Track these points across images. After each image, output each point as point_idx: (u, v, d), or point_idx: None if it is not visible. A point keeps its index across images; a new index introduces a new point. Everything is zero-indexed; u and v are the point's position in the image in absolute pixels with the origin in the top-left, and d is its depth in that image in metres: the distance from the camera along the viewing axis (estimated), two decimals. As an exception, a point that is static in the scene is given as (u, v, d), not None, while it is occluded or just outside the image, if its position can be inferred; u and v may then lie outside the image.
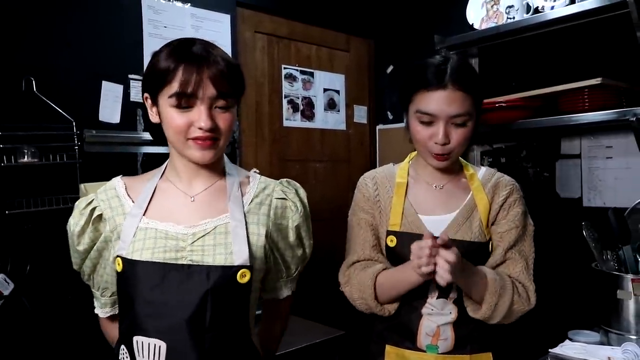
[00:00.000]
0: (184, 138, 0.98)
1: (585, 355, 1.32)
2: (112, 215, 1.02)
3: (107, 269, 1.05)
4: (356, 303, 1.28)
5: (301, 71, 2.59)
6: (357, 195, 1.35)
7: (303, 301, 2.33)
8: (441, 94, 1.17)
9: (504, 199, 1.27)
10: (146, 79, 1.03)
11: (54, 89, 1.75)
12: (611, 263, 1.53)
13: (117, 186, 1.07)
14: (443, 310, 1.22)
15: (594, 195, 2.13)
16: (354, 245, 1.31)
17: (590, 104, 1.89)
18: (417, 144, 1.26)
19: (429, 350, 1.22)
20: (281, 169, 2.49)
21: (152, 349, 0.93)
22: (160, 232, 0.98)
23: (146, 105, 1.05)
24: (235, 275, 0.96)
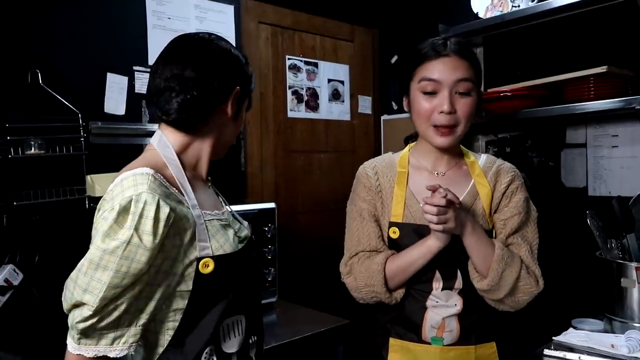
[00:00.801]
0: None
1: (588, 343, 1.32)
2: (182, 215, 0.87)
3: (171, 283, 0.87)
4: (361, 292, 1.24)
5: (305, 62, 2.59)
6: (358, 186, 1.33)
7: (308, 290, 2.36)
8: (444, 60, 1.19)
9: (505, 186, 1.27)
10: (249, 76, 1.05)
11: (59, 81, 1.77)
12: (615, 251, 1.53)
13: (161, 180, 0.89)
14: (448, 302, 1.22)
15: (600, 184, 2.12)
16: (357, 236, 1.28)
17: (595, 93, 1.88)
18: (420, 119, 1.23)
19: (434, 342, 1.22)
20: (286, 160, 2.50)
21: (236, 325, 0.96)
22: (221, 222, 0.98)
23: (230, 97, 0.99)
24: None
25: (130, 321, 0.83)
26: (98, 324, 0.81)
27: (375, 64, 2.86)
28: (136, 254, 0.80)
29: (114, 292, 0.80)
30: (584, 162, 2.17)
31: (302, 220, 2.52)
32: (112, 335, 0.82)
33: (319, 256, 2.47)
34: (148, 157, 0.95)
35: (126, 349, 0.83)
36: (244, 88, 1.03)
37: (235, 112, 1.02)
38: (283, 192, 2.47)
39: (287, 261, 2.27)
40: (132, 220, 0.81)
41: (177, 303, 0.89)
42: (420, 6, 2.67)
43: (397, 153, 1.37)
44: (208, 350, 0.91)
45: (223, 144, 1.05)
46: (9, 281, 1.58)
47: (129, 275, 0.80)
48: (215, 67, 0.97)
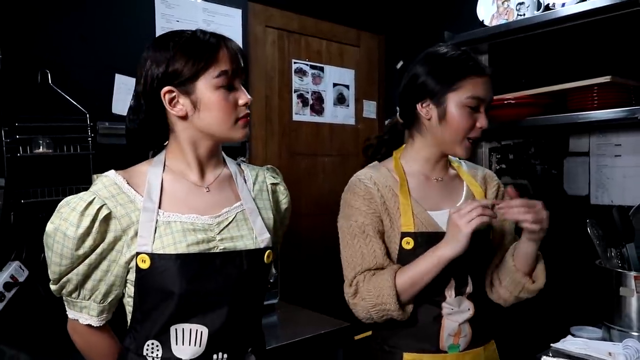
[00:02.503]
0: (233, 119, 1.02)
1: (586, 351, 1.33)
2: (125, 212, 0.97)
3: (114, 271, 0.98)
4: (371, 312, 1.19)
5: (311, 66, 2.61)
6: (355, 199, 1.25)
7: (309, 293, 2.37)
8: (487, 80, 1.24)
9: (495, 190, 1.36)
10: (174, 69, 0.97)
11: (68, 81, 1.79)
12: (615, 260, 1.54)
13: (118, 182, 0.99)
14: (461, 307, 1.23)
15: (602, 193, 2.13)
16: (360, 253, 1.22)
17: (599, 102, 1.89)
18: (454, 133, 1.23)
19: (451, 350, 1.22)
20: (290, 162, 2.52)
21: (194, 334, 0.97)
22: (186, 225, 0.99)
23: (164, 102, 0.99)
24: (263, 257, 1.06)
25: (89, 296, 1.00)
26: (60, 292, 1.01)
27: (381, 69, 2.88)
28: (64, 239, 0.95)
29: (59, 268, 0.97)
30: (586, 171, 2.18)
31: (305, 223, 2.54)
32: (80, 305, 1.01)
33: (321, 259, 2.49)
34: (140, 163, 1.08)
35: (89, 318, 1.01)
36: (180, 79, 0.97)
37: (192, 104, 0.99)
38: (286, 194, 2.49)
39: (290, 263, 2.28)
40: (66, 212, 0.96)
41: (129, 290, 1.01)
42: (426, 13, 2.69)
43: (384, 163, 1.34)
44: (152, 343, 0.98)
45: (207, 135, 1.03)
46: (15, 277, 1.61)
47: (64, 257, 0.96)
48: (140, 85, 1.02)
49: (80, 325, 1.02)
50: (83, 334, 1.04)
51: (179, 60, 0.97)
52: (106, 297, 1.00)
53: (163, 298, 0.95)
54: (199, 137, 1.03)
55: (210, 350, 0.98)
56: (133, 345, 1.00)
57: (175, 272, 0.95)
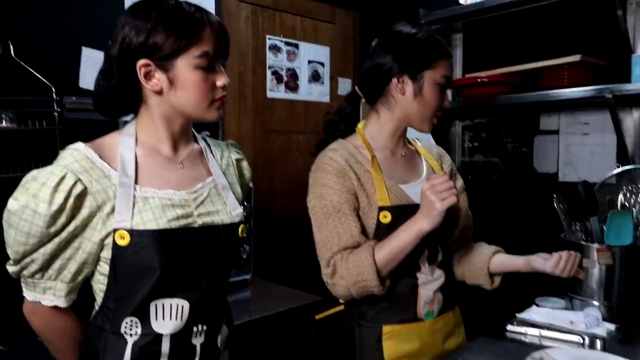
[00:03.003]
0: (209, 100, 0.99)
1: (549, 320, 1.37)
2: (101, 188, 0.92)
3: (87, 249, 0.94)
4: (351, 290, 1.19)
5: (286, 42, 2.58)
6: (327, 178, 1.23)
7: (282, 269, 2.38)
8: (451, 62, 1.29)
9: (449, 166, 1.44)
10: (154, 42, 0.92)
11: (32, 54, 1.74)
12: (579, 234, 1.59)
13: (89, 155, 0.94)
14: (434, 275, 1.28)
15: (570, 171, 2.18)
16: (336, 233, 1.21)
17: (569, 81, 1.92)
18: (429, 109, 1.27)
19: (427, 317, 1.27)
20: (264, 140, 2.51)
21: (174, 309, 0.96)
22: (164, 200, 0.97)
23: (139, 74, 0.94)
24: (238, 231, 1.06)
25: (56, 277, 0.95)
26: (21, 273, 0.95)
27: (356, 47, 2.87)
28: (33, 217, 0.88)
29: (23, 248, 0.91)
30: (555, 149, 2.23)
31: (279, 201, 2.54)
32: (43, 285, 0.95)
33: (295, 236, 2.49)
34: (108, 135, 1.02)
35: (56, 299, 0.96)
36: (159, 54, 0.93)
37: (168, 81, 0.96)
38: (260, 171, 2.48)
39: (263, 240, 2.29)
40: (34, 187, 0.89)
41: (102, 268, 0.97)
42: (401, -11, 2.67)
43: (349, 138, 1.33)
44: (130, 320, 0.95)
45: (181, 113, 1.00)
46: (-20, 255, 1.57)
47: (32, 236, 0.89)
48: (114, 50, 0.96)
49: (42, 307, 0.96)
50: (44, 315, 0.98)
51: (160, 34, 0.92)
52: (77, 276, 0.96)
53: (142, 274, 0.93)
54: (172, 114, 1.00)
55: (190, 323, 0.98)
56: (108, 325, 0.95)
57: (157, 248, 0.93)
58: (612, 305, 1.47)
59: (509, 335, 1.34)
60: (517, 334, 1.34)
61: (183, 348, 0.98)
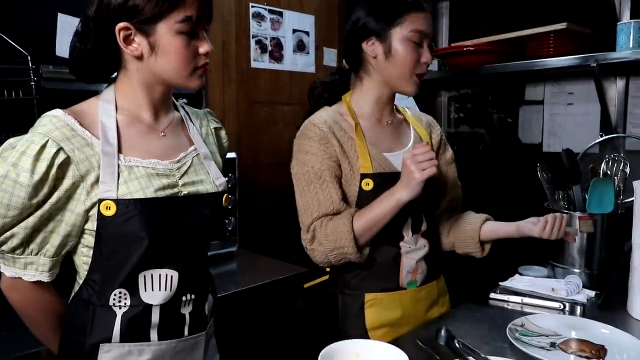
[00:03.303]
0: (191, 68, 0.95)
1: (531, 287, 1.40)
2: (84, 157, 0.89)
3: (70, 221, 0.91)
4: (329, 257, 1.21)
5: (270, 10, 2.52)
6: (310, 144, 1.23)
7: (268, 241, 2.38)
8: (427, 15, 1.25)
9: (439, 135, 1.43)
10: (134, 4, 0.88)
11: (6, 20, 1.66)
12: (561, 202, 1.60)
13: (70, 122, 0.90)
14: (417, 245, 1.28)
15: (554, 141, 2.19)
16: (316, 199, 1.22)
17: (555, 50, 1.91)
18: (404, 68, 1.23)
19: (409, 286, 1.28)
20: (248, 110, 2.47)
21: (163, 279, 0.95)
22: (149, 170, 0.95)
23: (117, 38, 0.90)
24: (221, 200, 1.05)
25: (38, 251, 0.91)
26: (0, 247, 0.90)
27: (342, 16, 2.81)
28: (14, 188, 0.85)
29: (3, 221, 0.87)
30: (540, 119, 2.23)
31: (263, 172, 2.52)
32: (24, 261, 0.91)
33: (280, 208, 2.48)
34: (85, 101, 0.98)
35: (38, 274, 0.92)
36: (140, 17, 0.89)
37: (149, 46, 0.92)
38: (245, 143, 2.44)
39: (248, 212, 2.28)
40: (13, 156, 0.85)
41: (86, 240, 0.94)
42: (388, -44, 2.61)
43: (335, 106, 1.32)
44: (118, 292, 0.93)
45: (161, 80, 0.97)
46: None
47: (12, 208, 0.86)
48: (90, 10, 0.92)
49: (23, 282, 0.92)
50: (24, 291, 0.94)
51: None
52: (60, 250, 0.92)
53: (130, 245, 0.91)
54: (153, 81, 0.97)
55: (179, 293, 0.97)
56: (95, 297, 0.93)
57: (144, 218, 0.91)
58: (593, 272, 1.50)
59: (492, 303, 1.36)
60: (500, 302, 1.37)
61: (172, 318, 0.97)
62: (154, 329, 0.95)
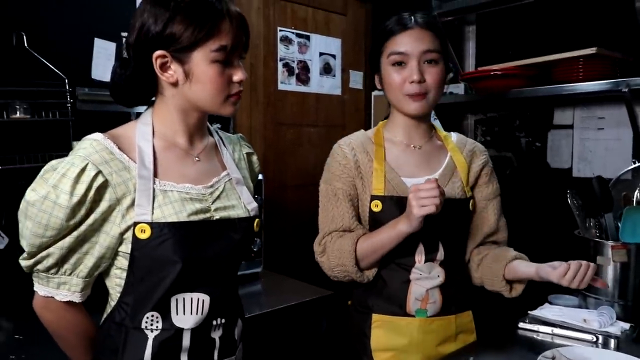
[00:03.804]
0: (224, 95, 0.97)
1: (562, 317, 1.36)
2: (121, 180, 0.91)
3: (105, 243, 0.92)
4: (334, 272, 1.27)
5: (297, 34, 2.56)
6: (332, 164, 1.32)
7: (293, 262, 2.39)
8: (410, 33, 1.24)
9: (482, 164, 1.36)
10: (171, 33, 0.91)
11: (45, 45, 1.74)
12: (593, 230, 1.57)
13: (109, 146, 0.92)
14: (430, 274, 1.25)
15: (584, 166, 2.15)
16: (331, 215, 1.29)
17: (584, 74, 1.89)
18: (392, 92, 1.27)
19: (418, 314, 1.25)
20: (275, 133, 2.50)
21: (194, 303, 0.96)
22: (182, 194, 0.96)
23: (154, 65, 0.93)
24: (253, 225, 1.06)
25: (72, 271, 0.93)
26: (35, 267, 0.92)
27: (368, 39, 2.84)
28: (53, 209, 0.87)
29: (40, 240, 0.89)
30: (570, 144, 2.20)
31: (290, 193, 2.53)
32: (57, 280, 0.93)
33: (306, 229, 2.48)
34: (124, 125, 1.01)
35: (70, 295, 0.94)
36: (176, 46, 0.92)
37: (184, 74, 0.94)
38: (272, 164, 2.47)
39: (274, 233, 2.29)
40: (54, 178, 0.88)
41: (120, 262, 0.95)
42: (414, -19, 2.64)
43: (370, 130, 1.38)
44: (151, 315, 0.94)
45: (196, 107, 0.99)
46: (-5, 245, 1.59)
47: (50, 228, 0.88)
48: (131, 38, 0.95)
49: (55, 302, 0.94)
50: (57, 311, 0.96)
51: (178, 25, 0.90)
52: (93, 271, 0.94)
53: (163, 268, 0.92)
54: (188, 107, 0.99)
55: (210, 317, 0.98)
56: (128, 320, 0.94)
57: (178, 241, 0.92)
58: (627, 303, 1.45)
59: (520, 333, 1.33)
60: (529, 332, 1.33)
61: (203, 342, 0.98)
62: (185, 352, 0.96)
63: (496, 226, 1.35)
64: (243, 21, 0.98)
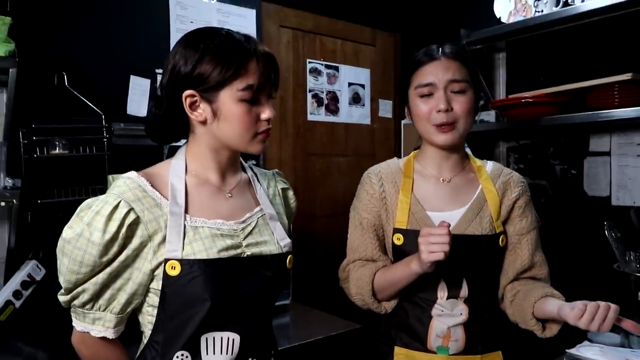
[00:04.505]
0: (252, 133, 0.98)
1: (603, 357, 1.30)
2: (153, 217, 0.93)
3: (137, 279, 0.94)
4: (354, 299, 1.29)
5: (326, 65, 2.60)
6: (361, 192, 1.33)
7: (322, 294, 2.36)
8: (436, 64, 1.24)
9: (516, 196, 1.29)
10: (199, 73, 0.94)
11: (84, 83, 1.82)
12: (634, 264, 1.50)
13: (142, 184, 0.95)
14: (453, 311, 1.21)
15: (623, 194, 2.07)
16: (355, 244, 1.31)
17: (620, 100, 1.84)
18: (420, 122, 1.26)
19: (439, 351, 1.22)
20: (305, 163, 2.52)
21: (224, 342, 0.95)
22: (213, 230, 0.97)
23: (184, 104, 0.96)
24: (285, 261, 1.05)
25: (105, 307, 0.95)
26: (71, 302, 0.95)
27: (397, 68, 2.86)
28: (87, 246, 0.89)
29: (76, 277, 0.91)
30: (607, 171, 2.12)
31: (319, 224, 2.53)
32: (92, 316, 0.95)
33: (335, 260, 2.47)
34: (159, 164, 1.05)
35: (104, 330, 0.95)
36: (204, 85, 0.94)
37: (212, 112, 0.96)
38: (301, 195, 2.48)
39: (303, 264, 2.28)
40: (89, 216, 0.90)
41: (151, 299, 0.97)
42: (442, 10, 2.65)
43: (402, 159, 1.37)
44: (181, 354, 0.93)
45: (224, 144, 1.00)
46: (32, 276, 1.64)
47: (85, 265, 0.90)
48: (164, 79, 0.99)
49: (91, 337, 0.96)
50: (93, 346, 0.98)
51: (206, 65, 0.94)
52: (126, 307, 0.95)
53: (193, 306, 0.92)
54: (218, 145, 1.01)
55: (241, 357, 0.97)
56: (158, 359, 0.95)
57: (207, 278, 0.92)
58: (673, 342, 1.37)
59: (559, 373, 1.27)
60: (567, 372, 1.27)
61: None
62: None
63: (530, 262, 1.27)
64: (272, 60, 0.99)
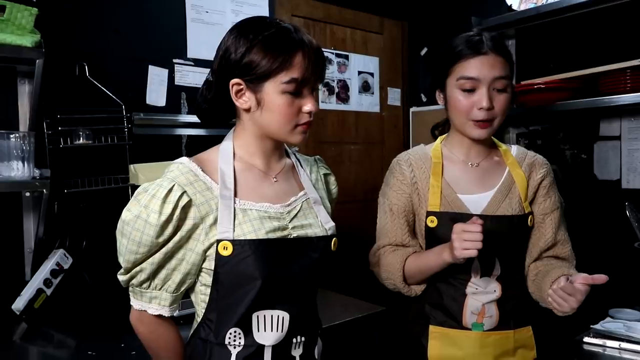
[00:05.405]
0: (293, 124, 1.00)
1: (628, 332, 1.34)
2: (204, 200, 0.96)
3: (190, 259, 0.97)
4: (385, 283, 1.33)
5: (336, 54, 2.62)
6: (391, 179, 1.35)
7: (342, 278, 2.40)
8: (482, 58, 1.21)
9: (541, 177, 1.33)
10: (247, 63, 0.96)
11: (104, 73, 1.83)
12: (653, 243, 1.55)
13: (193, 168, 0.99)
14: (487, 288, 1.25)
15: (634, 177, 2.12)
16: (385, 229, 1.33)
17: (631, 85, 1.87)
18: (457, 115, 1.26)
19: (474, 328, 1.25)
20: (317, 151, 2.54)
21: (275, 320, 0.99)
22: (261, 213, 1.00)
23: (231, 91, 0.99)
24: (330, 244, 1.08)
25: (161, 286, 0.99)
26: (130, 282, 0.99)
27: (405, 56, 2.88)
28: (145, 227, 0.93)
29: (135, 257, 0.95)
30: (617, 155, 2.17)
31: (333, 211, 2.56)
32: (149, 295, 1.00)
33: (351, 244, 2.51)
34: (209, 150, 1.08)
35: (160, 308, 1.00)
36: (251, 76, 0.97)
37: (256, 101, 0.98)
38: (314, 182, 2.51)
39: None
40: (145, 199, 0.95)
41: (204, 279, 1.00)
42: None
43: (429, 145, 1.39)
44: (234, 332, 0.97)
45: (266, 133, 1.03)
46: (60, 265, 1.66)
47: (142, 245, 0.94)
48: (215, 64, 1.03)
49: (148, 315, 1.00)
50: (150, 324, 1.02)
51: (254, 56, 0.96)
52: (180, 286, 0.99)
53: (244, 285, 0.95)
54: (261, 133, 1.03)
55: (290, 335, 1.00)
56: (212, 336, 0.98)
57: (258, 258, 0.95)
58: (693, 316, 1.42)
59: (586, 348, 1.32)
60: (595, 346, 1.32)
61: (284, 359, 1.00)
62: None
63: (553, 240, 1.31)
64: (319, 53, 1.01)
